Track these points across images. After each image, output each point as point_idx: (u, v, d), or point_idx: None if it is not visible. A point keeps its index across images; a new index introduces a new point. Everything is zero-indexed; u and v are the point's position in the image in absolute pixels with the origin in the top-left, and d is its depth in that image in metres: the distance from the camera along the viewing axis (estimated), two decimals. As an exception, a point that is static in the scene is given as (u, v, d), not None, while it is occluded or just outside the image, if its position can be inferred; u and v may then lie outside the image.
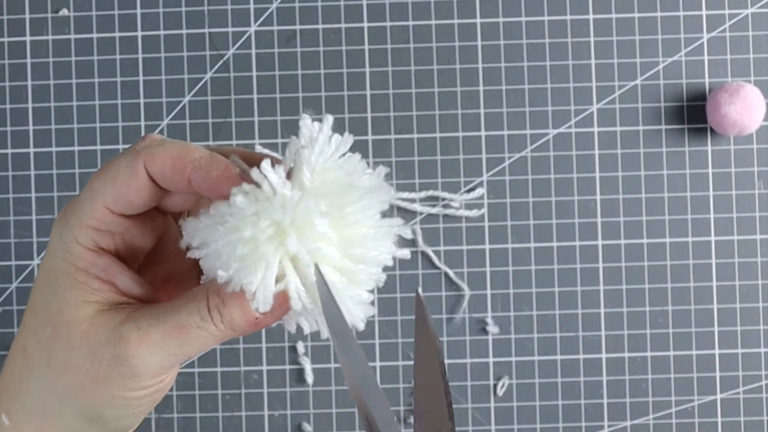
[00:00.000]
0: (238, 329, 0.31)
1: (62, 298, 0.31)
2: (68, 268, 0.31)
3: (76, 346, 0.30)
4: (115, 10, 0.51)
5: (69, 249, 0.31)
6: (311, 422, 0.51)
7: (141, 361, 0.30)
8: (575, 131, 0.51)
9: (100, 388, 0.30)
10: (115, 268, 0.32)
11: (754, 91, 0.49)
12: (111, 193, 0.31)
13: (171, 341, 0.30)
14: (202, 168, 0.30)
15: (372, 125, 0.51)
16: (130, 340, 0.30)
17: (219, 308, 0.30)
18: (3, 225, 0.51)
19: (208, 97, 0.51)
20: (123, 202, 0.31)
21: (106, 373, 0.30)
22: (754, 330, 0.51)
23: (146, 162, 0.31)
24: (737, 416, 0.51)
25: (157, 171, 0.31)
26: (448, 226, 0.51)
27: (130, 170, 0.31)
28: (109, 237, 0.32)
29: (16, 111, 0.51)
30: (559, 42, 0.51)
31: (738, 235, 0.51)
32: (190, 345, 0.30)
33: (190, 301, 0.31)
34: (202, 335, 0.30)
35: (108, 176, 0.31)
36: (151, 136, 0.32)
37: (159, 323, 0.30)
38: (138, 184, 0.31)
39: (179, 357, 0.31)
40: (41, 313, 0.31)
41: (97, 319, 0.31)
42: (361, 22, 0.51)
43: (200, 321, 0.30)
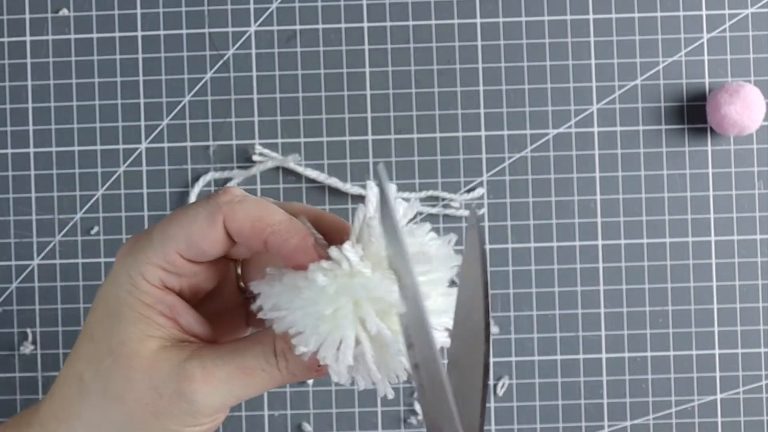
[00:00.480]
0: (300, 375, 0.31)
1: (125, 330, 0.31)
2: (133, 301, 0.31)
3: (136, 379, 0.31)
4: (115, 10, 0.52)
5: (135, 284, 0.31)
6: (311, 422, 0.51)
7: (203, 399, 0.30)
8: (575, 131, 0.51)
9: (158, 422, 0.31)
10: (179, 307, 0.32)
11: (754, 91, 0.49)
12: (185, 241, 0.31)
13: (235, 382, 0.31)
14: (281, 235, 0.30)
15: (372, 125, 0.51)
16: (194, 378, 0.30)
17: (285, 354, 0.31)
18: (3, 225, 0.51)
19: (208, 97, 0.51)
20: (196, 251, 0.32)
21: (167, 408, 0.31)
22: (754, 330, 0.51)
23: (226, 218, 0.31)
24: (737, 416, 0.51)
25: (234, 229, 0.31)
26: (448, 226, 0.51)
27: (208, 222, 0.31)
28: (175, 278, 0.32)
29: (16, 111, 0.51)
30: (559, 42, 0.51)
31: (738, 235, 0.51)
32: (252, 387, 0.31)
33: (256, 345, 0.31)
34: (265, 378, 0.31)
35: (185, 223, 0.31)
36: (232, 191, 0.33)
37: (225, 363, 0.31)
38: (214, 237, 0.31)
39: (240, 398, 0.31)
40: (101, 343, 0.32)
41: (161, 354, 0.31)
42: (361, 22, 0.51)
43: (266, 365, 0.31)
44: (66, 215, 0.51)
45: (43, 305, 0.51)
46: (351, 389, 0.51)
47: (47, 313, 0.51)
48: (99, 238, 0.51)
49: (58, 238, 0.51)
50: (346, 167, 0.51)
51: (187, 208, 0.32)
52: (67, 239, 0.51)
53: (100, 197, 0.51)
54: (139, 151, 0.51)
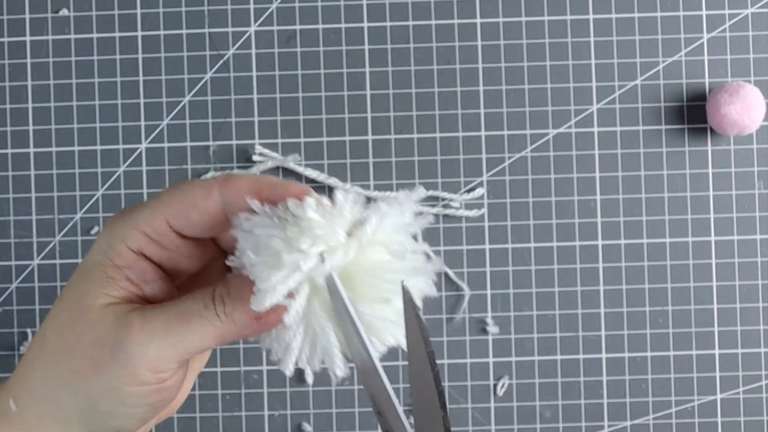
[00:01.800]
0: (239, 323, 0.31)
1: (85, 287, 0.31)
2: (104, 261, 0.32)
3: (84, 332, 0.31)
4: (115, 10, 0.52)
5: (112, 245, 0.31)
6: (311, 422, 0.51)
7: (139, 348, 0.30)
8: (575, 131, 0.51)
9: (98, 378, 0.31)
10: (149, 275, 0.32)
11: (754, 91, 0.49)
12: (176, 207, 0.31)
13: (172, 329, 0.30)
14: (281, 185, 0.31)
15: (372, 125, 0.51)
16: (132, 327, 0.30)
17: (224, 297, 0.31)
18: (3, 225, 0.51)
19: (208, 97, 0.51)
20: (184, 220, 0.31)
21: (106, 361, 0.30)
22: (754, 330, 0.51)
23: (222, 187, 0.31)
24: (737, 416, 0.51)
25: (233, 194, 0.31)
26: (448, 226, 0.51)
27: (203, 192, 0.31)
28: (156, 248, 0.32)
29: (16, 111, 0.51)
30: (559, 42, 0.51)
31: (738, 235, 0.51)
32: (190, 334, 0.30)
33: (197, 292, 0.31)
34: (203, 325, 0.30)
35: (178, 192, 0.32)
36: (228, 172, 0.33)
37: (163, 312, 0.31)
38: (206, 207, 0.31)
39: (178, 348, 0.31)
40: (63, 300, 0.32)
41: (109, 308, 0.31)
42: (361, 22, 0.51)
43: (203, 309, 0.30)
44: (66, 215, 0.51)
45: (43, 305, 0.51)
46: (351, 389, 0.51)
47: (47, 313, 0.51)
48: (99, 238, 0.51)
49: (58, 238, 0.51)
50: (346, 167, 0.51)
51: (183, 181, 0.32)
52: (67, 239, 0.51)
53: (100, 197, 0.51)
54: (139, 151, 0.51)
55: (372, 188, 0.51)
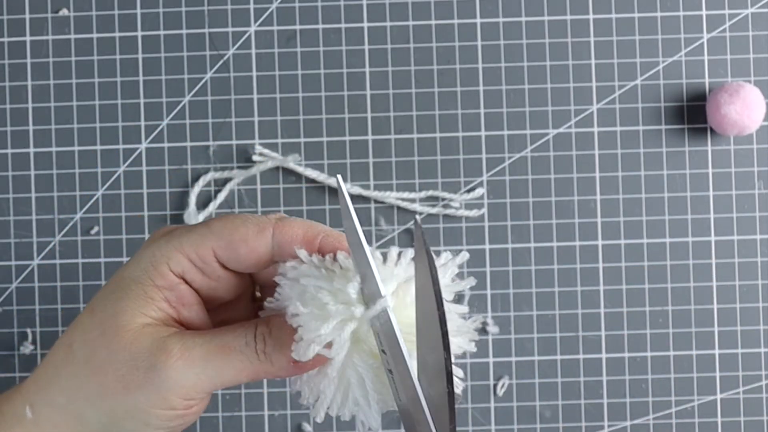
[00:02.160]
0: (276, 365, 0.31)
1: (122, 304, 0.31)
2: (144, 280, 0.31)
3: (118, 350, 0.31)
4: (115, 10, 0.52)
5: (155, 265, 0.31)
6: (311, 422, 0.51)
7: (176, 375, 0.30)
8: (575, 131, 0.51)
9: (128, 397, 0.31)
10: (187, 300, 0.32)
11: (754, 91, 0.49)
12: (226, 240, 0.31)
13: (211, 361, 0.30)
14: (335, 237, 0.31)
15: (372, 125, 0.51)
16: (171, 352, 0.30)
17: (265, 337, 0.31)
18: (3, 225, 0.51)
19: (208, 97, 0.51)
20: (232, 253, 0.31)
21: (139, 382, 0.30)
22: (754, 330, 0.51)
23: (276, 228, 0.31)
24: (737, 416, 0.51)
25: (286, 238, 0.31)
26: (448, 226, 0.51)
27: (256, 229, 0.31)
28: (198, 275, 0.32)
29: (16, 111, 0.51)
30: (559, 42, 0.51)
31: (738, 235, 0.51)
32: (228, 369, 0.31)
33: (238, 327, 0.31)
34: (242, 361, 0.31)
35: (230, 224, 0.32)
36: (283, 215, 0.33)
37: (204, 342, 0.31)
38: (256, 244, 0.31)
39: (214, 380, 0.31)
40: (96, 314, 0.32)
41: (146, 329, 0.31)
42: (361, 22, 0.51)
43: (244, 346, 0.31)
44: (66, 215, 0.51)
45: (43, 305, 0.51)
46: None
47: (47, 313, 0.51)
48: (99, 238, 0.51)
49: (58, 238, 0.51)
50: (346, 167, 0.51)
51: (238, 215, 0.32)
52: (67, 239, 0.51)
53: (100, 197, 0.51)
54: (139, 151, 0.51)
55: (372, 188, 0.51)
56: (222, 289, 0.33)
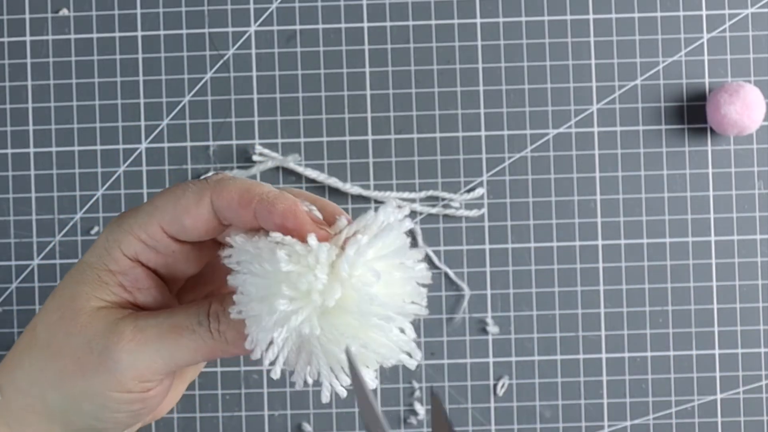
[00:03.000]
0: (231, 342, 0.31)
1: (79, 288, 0.32)
2: (99, 264, 0.32)
3: (74, 333, 0.31)
4: (115, 10, 0.52)
5: (109, 250, 0.32)
6: (311, 422, 0.51)
7: (129, 357, 0.30)
8: (575, 131, 0.51)
9: (84, 379, 0.31)
10: (143, 283, 0.32)
11: (754, 91, 0.49)
12: (169, 213, 0.31)
13: (164, 342, 0.30)
14: (269, 201, 0.30)
15: (372, 125, 0.51)
16: (123, 334, 0.30)
17: (219, 315, 0.31)
18: (3, 225, 0.51)
19: (208, 97, 0.51)
20: (178, 226, 0.31)
21: (93, 365, 0.30)
22: (754, 330, 0.51)
23: (213, 194, 0.31)
24: (737, 416, 0.51)
25: (223, 203, 0.31)
26: (448, 226, 0.51)
27: (195, 198, 0.31)
28: (152, 254, 0.32)
29: (16, 111, 0.51)
30: (559, 42, 0.51)
31: (738, 235, 0.51)
32: (182, 350, 0.30)
33: (191, 306, 0.31)
34: (195, 340, 0.30)
35: (172, 197, 0.31)
36: (223, 173, 0.33)
37: (157, 323, 0.31)
38: (198, 213, 0.31)
39: (167, 361, 0.31)
40: (56, 298, 0.32)
41: (100, 311, 0.31)
42: (361, 22, 0.51)
43: (197, 325, 0.30)
44: (66, 215, 0.51)
45: (43, 305, 0.51)
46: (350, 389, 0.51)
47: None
48: (99, 238, 0.51)
49: (58, 238, 0.51)
50: (346, 167, 0.51)
51: (177, 184, 0.32)
52: (67, 239, 0.51)
53: (100, 197, 0.51)
54: (139, 151, 0.51)
55: (372, 188, 0.51)
56: (182, 264, 0.33)
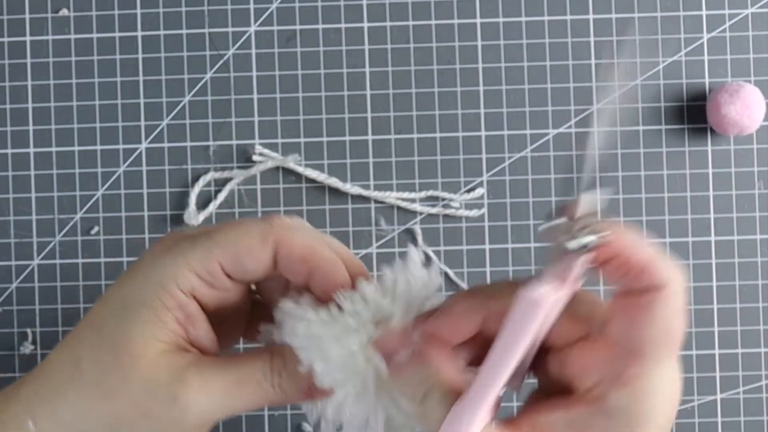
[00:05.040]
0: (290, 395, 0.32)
1: (136, 328, 0.31)
2: (154, 302, 0.31)
3: (134, 378, 0.30)
4: (115, 10, 0.52)
5: (164, 285, 0.31)
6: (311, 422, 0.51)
7: (196, 407, 0.30)
8: (575, 131, 0.51)
9: (144, 425, 0.31)
10: (196, 318, 0.32)
11: (754, 91, 0.49)
12: (232, 254, 0.31)
13: (229, 393, 0.31)
14: (328, 272, 0.31)
15: (372, 125, 0.51)
16: (191, 385, 0.30)
17: (280, 371, 0.31)
18: (3, 225, 0.51)
19: (208, 97, 0.51)
20: (239, 267, 0.31)
21: (158, 412, 0.30)
22: (754, 330, 0.51)
23: (279, 241, 0.31)
24: (737, 416, 0.51)
25: (285, 253, 0.31)
26: (448, 226, 0.51)
27: (260, 241, 0.31)
28: (207, 289, 0.32)
29: (16, 111, 0.51)
30: (559, 42, 0.51)
31: (738, 235, 0.51)
32: (245, 400, 0.31)
33: (256, 359, 0.32)
34: (259, 392, 0.31)
35: (235, 236, 0.31)
36: (284, 218, 0.32)
37: (223, 374, 0.31)
38: (262, 257, 0.31)
39: (230, 410, 0.31)
40: (106, 335, 0.31)
41: (163, 358, 0.31)
42: (361, 22, 0.51)
43: (262, 379, 0.31)
44: (66, 215, 0.51)
45: (43, 305, 0.51)
46: (351, 389, 0.51)
47: (47, 313, 0.51)
48: (99, 238, 0.51)
49: (58, 238, 0.51)
50: (346, 167, 0.51)
51: (239, 221, 0.32)
52: (67, 239, 0.51)
53: (100, 197, 0.51)
54: (139, 151, 0.51)
55: (372, 188, 0.51)
56: (230, 300, 0.33)
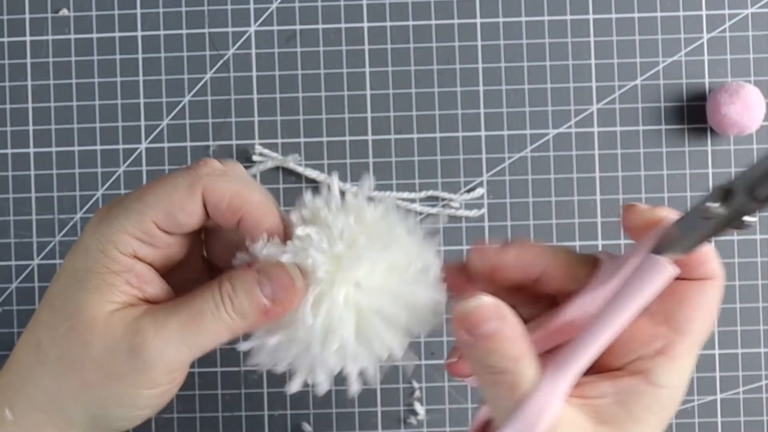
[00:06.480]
0: (248, 318, 0.31)
1: (85, 296, 0.31)
2: (100, 269, 0.31)
3: (92, 343, 0.30)
4: (115, 10, 0.52)
5: (106, 251, 0.31)
6: (311, 422, 0.51)
7: (156, 354, 0.30)
8: (575, 131, 0.51)
9: (112, 386, 0.31)
10: (147, 277, 0.32)
11: (754, 91, 0.49)
12: (163, 211, 0.31)
13: (187, 331, 0.30)
14: (256, 216, 0.31)
15: (372, 125, 0.51)
16: (147, 333, 0.30)
17: (230, 295, 0.31)
18: (3, 225, 0.51)
19: (208, 97, 0.51)
20: (173, 221, 0.31)
21: (121, 370, 0.30)
22: (754, 330, 0.51)
23: (205, 190, 0.31)
24: (737, 416, 0.51)
25: (213, 202, 0.31)
26: (448, 226, 0.51)
27: (188, 193, 0.31)
28: (148, 248, 0.32)
29: (16, 111, 0.51)
30: (559, 42, 0.51)
31: (738, 236, 0.51)
32: (204, 334, 0.31)
33: (204, 291, 0.31)
34: (216, 323, 0.31)
35: (163, 193, 0.31)
36: (212, 163, 0.33)
37: (176, 313, 0.31)
38: (192, 209, 0.31)
39: (193, 349, 0.31)
40: (59, 310, 0.32)
41: (116, 316, 0.31)
42: (361, 22, 0.51)
43: (214, 308, 0.31)
44: (66, 215, 0.51)
45: (43, 305, 0.51)
46: (351, 389, 0.51)
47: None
48: (99, 238, 0.51)
49: (58, 238, 0.51)
50: (346, 167, 0.51)
51: (165, 178, 0.32)
52: (67, 239, 0.51)
53: (100, 197, 0.51)
54: (139, 151, 0.51)
55: (372, 188, 0.51)
56: (174, 253, 0.33)
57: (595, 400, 0.29)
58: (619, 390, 0.29)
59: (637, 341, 0.30)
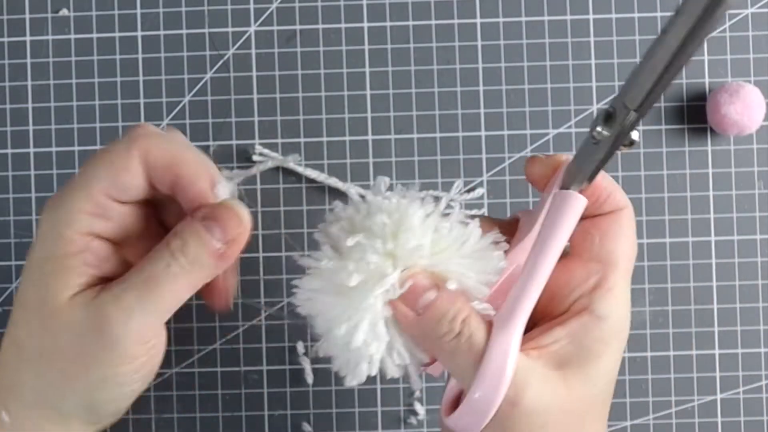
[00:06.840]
0: (205, 266, 0.31)
1: (45, 287, 0.31)
2: (57, 253, 0.31)
3: (60, 332, 0.30)
4: (115, 10, 0.52)
5: (61, 235, 0.31)
6: (311, 422, 0.51)
7: (122, 328, 0.30)
8: (575, 131, 0.51)
9: (90, 371, 0.30)
10: (103, 253, 0.32)
11: (754, 91, 0.49)
12: (106, 178, 0.31)
13: (145, 298, 0.30)
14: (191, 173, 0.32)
15: (372, 125, 0.51)
16: (107, 309, 0.30)
17: (182, 249, 0.31)
18: (3, 225, 0.51)
19: (208, 97, 0.51)
20: (119, 187, 0.31)
21: (94, 353, 0.30)
22: (754, 330, 0.51)
23: (142, 150, 0.31)
24: (737, 416, 0.51)
25: (149, 161, 0.31)
26: (448, 226, 0.51)
27: (126, 155, 0.31)
28: (104, 223, 0.32)
29: (16, 111, 0.51)
30: (559, 42, 0.51)
31: (738, 235, 0.51)
32: (164, 296, 0.30)
33: (155, 252, 0.31)
34: (172, 282, 0.30)
35: (103, 162, 0.31)
36: (147, 126, 0.32)
37: (131, 284, 0.30)
38: (134, 169, 0.31)
39: (157, 313, 0.30)
40: (28, 305, 0.31)
41: (76, 300, 0.31)
42: (361, 22, 0.51)
43: (166, 266, 0.30)
44: (66, 215, 0.51)
45: (43, 305, 0.51)
46: (351, 389, 0.51)
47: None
48: (99, 238, 0.51)
49: (58, 238, 0.51)
50: (346, 167, 0.51)
51: (102, 149, 0.32)
52: (67, 239, 0.51)
53: (100, 197, 0.51)
54: (139, 151, 0.51)
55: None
56: (130, 223, 0.33)
57: (551, 346, 0.31)
58: (569, 331, 0.31)
59: (574, 282, 0.32)
